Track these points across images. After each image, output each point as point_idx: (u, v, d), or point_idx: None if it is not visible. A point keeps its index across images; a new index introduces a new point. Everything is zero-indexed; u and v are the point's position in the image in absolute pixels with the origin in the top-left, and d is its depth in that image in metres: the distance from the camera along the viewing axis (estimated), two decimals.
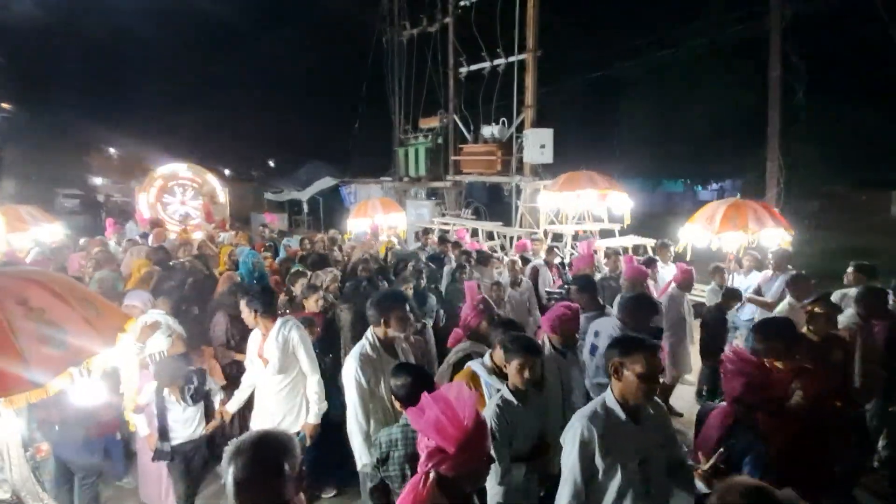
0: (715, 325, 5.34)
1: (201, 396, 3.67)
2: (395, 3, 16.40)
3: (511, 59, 12.38)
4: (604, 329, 3.90)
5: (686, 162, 22.61)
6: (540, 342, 3.20)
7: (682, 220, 6.77)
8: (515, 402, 2.65)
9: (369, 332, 3.26)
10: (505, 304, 5.56)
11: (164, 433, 3.59)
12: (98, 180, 26.63)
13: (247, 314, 3.61)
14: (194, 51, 28.40)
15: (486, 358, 3.10)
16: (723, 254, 6.46)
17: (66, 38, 26.05)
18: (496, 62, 12.92)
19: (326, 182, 21.06)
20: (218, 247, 7.90)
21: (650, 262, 6.37)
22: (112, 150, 30.26)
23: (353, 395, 3.07)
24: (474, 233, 11.87)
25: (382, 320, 3.20)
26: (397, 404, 2.57)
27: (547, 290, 6.16)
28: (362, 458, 3.04)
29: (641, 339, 2.35)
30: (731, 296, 5.50)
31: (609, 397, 2.33)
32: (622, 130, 23.56)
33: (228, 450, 1.64)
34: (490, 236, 11.84)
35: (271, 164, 33.04)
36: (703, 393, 5.62)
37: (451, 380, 3.18)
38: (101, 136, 28.68)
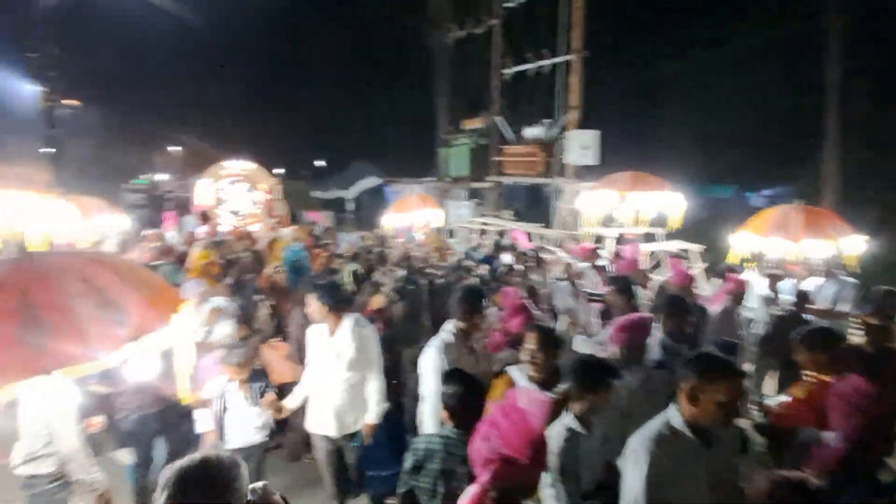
0: (790, 328, 5.10)
1: (263, 390, 3.50)
2: (442, 5, 16.60)
3: (556, 59, 12.34)
4: None
5: (735, 165, 21.77)
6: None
7: (731, 227, 6.59)
8: (581, 429, 2.40)
9: (451, 325, 3.20)
10: (559, 310, 5.29)
11: (224, 432, 3.44)
12: (161, 175, 28.12)
13: (316, 308, 3.51)
14: (250, 54, 29.56)
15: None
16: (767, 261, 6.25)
17: (131, 39, 27.55)
18: (541, 63, 12.90)
19: (371, 181, 21.48)
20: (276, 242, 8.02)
21: (730, 271, 5.68)
22: (173, 147, 31.99)
23: (434, 386, 2.98)
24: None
25: (467, 315, 3.13)
26: (444, 414, 2.42)
27: (587, 291, 6.13)
28: None
29: (727, 365, 2.10)
30: (806, 298, 5.29)
31: (675, 418, 2.09)
32: (667, 132, 22.95)
33: (164, 475, 1.44)
34: (529, 238, 11.84)
35: (320, 163, 33.98)
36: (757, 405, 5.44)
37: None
38: (164, 134, 30.25)
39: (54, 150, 14.26)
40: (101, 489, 2.75)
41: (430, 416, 3.02)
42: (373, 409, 3.59)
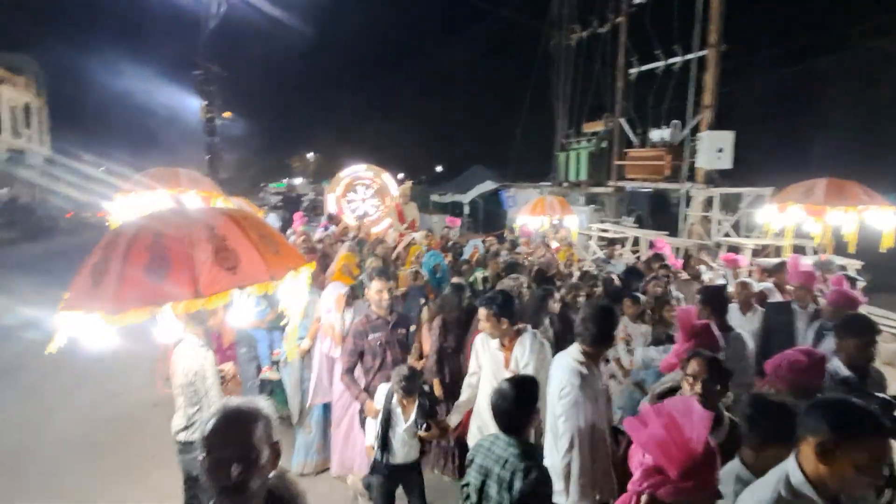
0: None
1: (425, 419, 3.30)
2: (565, 6, 16.30)
3: (689, 56, 11.53)
4: None
5: None
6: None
7: None
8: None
9: (577, 351, 2.88)
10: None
11: (385, 445, 3.30)
12: (296, 179, 31.27)
13: (488, 321, 3.23)
14: (376, 69, 31.77)
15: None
16: None
17: (272, 59, 30.86)
18: (671, 60, 12.13)
19: (487, 186, 21.70)
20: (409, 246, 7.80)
21: None
22: (308, 155, 35.42)
23: (574, 424, 2.73)
24: (635, 242, 11.31)
25: (598, 340, 2.85)
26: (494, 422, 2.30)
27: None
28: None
29: (871, 417, 1.65)
30: None
31: (796, 476, 1.67)
32: (819, 134, 20.29)
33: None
34: (651, 246, 11.18)
35: (438, 168, 35.26)
36: None
37: None
38: (299, 141, 33.50)
39: (213, 156, 16.35)
40: None
41: (576, 462, 2.66)
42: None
